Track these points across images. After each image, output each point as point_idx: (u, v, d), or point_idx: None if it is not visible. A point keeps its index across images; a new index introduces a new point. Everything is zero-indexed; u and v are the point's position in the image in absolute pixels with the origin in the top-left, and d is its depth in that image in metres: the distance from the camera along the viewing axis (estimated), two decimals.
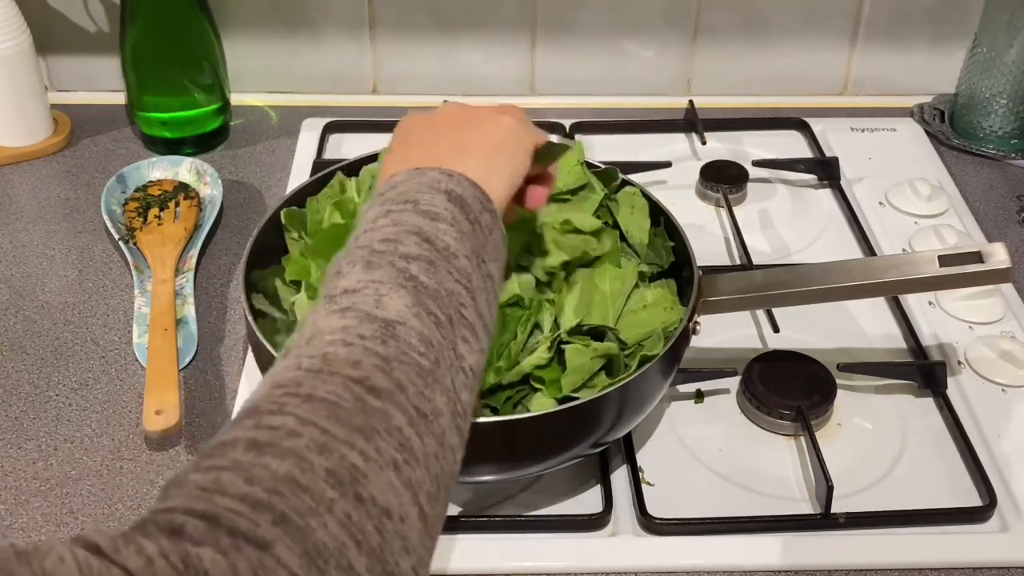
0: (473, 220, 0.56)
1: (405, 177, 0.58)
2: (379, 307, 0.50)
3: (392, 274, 0.52)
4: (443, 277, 0.53)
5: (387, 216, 0.55)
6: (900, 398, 0.87)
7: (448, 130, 0.62)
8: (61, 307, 0.95)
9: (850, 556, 0.75)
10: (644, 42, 1.22)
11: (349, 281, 0.52)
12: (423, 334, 0.50)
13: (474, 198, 0.57)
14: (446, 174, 0.57)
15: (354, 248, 0.55)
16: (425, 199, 0.55)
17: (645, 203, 0.84)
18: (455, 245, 0.54)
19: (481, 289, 0.55)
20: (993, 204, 1.10)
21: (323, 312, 0.51)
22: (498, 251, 0.58)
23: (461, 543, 0.75)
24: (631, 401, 0.74)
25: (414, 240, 0.53)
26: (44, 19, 1.17)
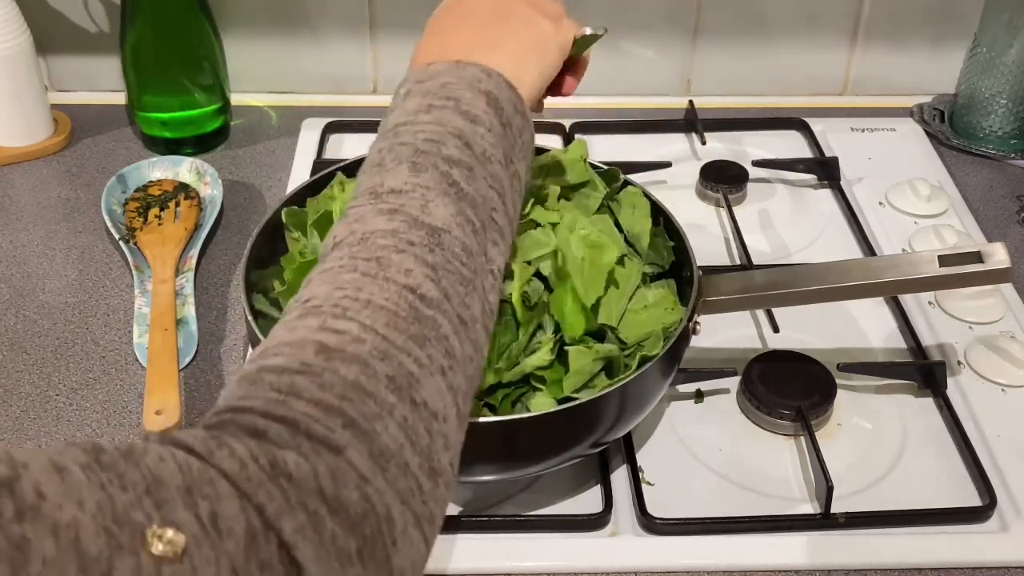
0: (506, 123, 0.58)
1: (445, 68, 0.59)
2: (425, 212, 0.52)
3: (437, 179, 0.54)
4: (480, 183, 0.55)
5: (429, 112, 0.57)
6: (900, 398, 0.87)
7: (486, 24, 0.64)
8: (61, 307, 0.95)
9: (850, 556, 0.75)
10: (644, 42, 1.22)
11: (396, 180, 0.54)
12: (464, 243, 0.53)
13: (508, 100, 0.59)
14: (485, 72, 0.59)
15: (395, 141, 0.56)
16: (467, 98, 0.57)
17: (647, 203, 0.84)
18: (491, 150, 0.57)
19: (509, 189, 0.58)
20: (993, 204, 1.10)
21: (369, 209, 0.53)
22: (526, 150, 0.61)
23: (461, 543, 0.75)
24: (631, 401, 0.74)
25: (455, 144, 0.55)
26: (44, 19, 1.17)
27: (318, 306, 0.48)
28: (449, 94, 0.58)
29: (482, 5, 0.65)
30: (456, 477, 0.50)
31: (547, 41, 0.65)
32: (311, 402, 0.44)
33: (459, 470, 0.74)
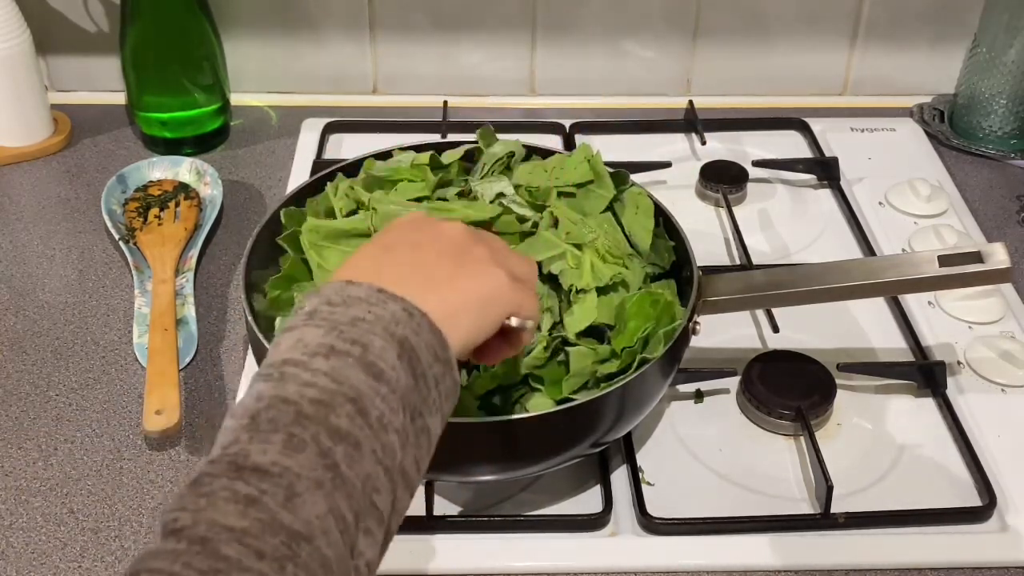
0: (419, 375, 0.52)
1: (364, 296, 0.52)
2: (288, 509, 0.44)
3: (313, 461, 0.46)
4: (365, 463, 0.48)
5: (328, 358, 0.49)
6: (900, 398, 0.87)
7: (437, 258, 0.58)
8: (61, 307, 0.95)
9: (850, 556, 0.75)
10: (644, 42, 1.22)
11: (264, 456, 0.45)
12: (325, 557, 0.44)
13: (428, 347, 0.52)
14: (407, 311, 0.52)
15: (278, 392, 0.48)
16: (376, 347, 0.50)
17: (650, 203, 0.84)
18: (389, 415, 0.49)
19: (411, 447, 0.51)
20: (993, 204, 1.10)
21: (224, 486, 0.44)
22: (446, 398, 0.54)
23: (461, 543, 0.75)
24: (631, 401, 0.74)
25: (347, 411, 0.48)
26: (44, 19, 1.17)
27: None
28: (357, 337, 0.50)
29: (444, 236, 0.59)
30: None
31: (498, 299, 0.58)
32: None
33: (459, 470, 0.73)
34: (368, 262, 0.58)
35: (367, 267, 0.57)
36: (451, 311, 0.55)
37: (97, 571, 0.73)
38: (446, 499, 0.78)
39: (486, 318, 0.58)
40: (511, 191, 0.83)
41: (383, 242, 0.60)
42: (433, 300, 0.54)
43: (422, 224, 0.61)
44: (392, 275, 0.55)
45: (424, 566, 0.73)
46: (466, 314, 0.56)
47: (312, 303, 0.53)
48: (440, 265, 0.57)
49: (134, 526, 0.76)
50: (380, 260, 0.58)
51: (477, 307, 0.57)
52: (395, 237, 0.60)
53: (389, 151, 0.90)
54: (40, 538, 0.75)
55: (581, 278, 0.76)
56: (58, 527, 0.76)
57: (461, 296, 0.56)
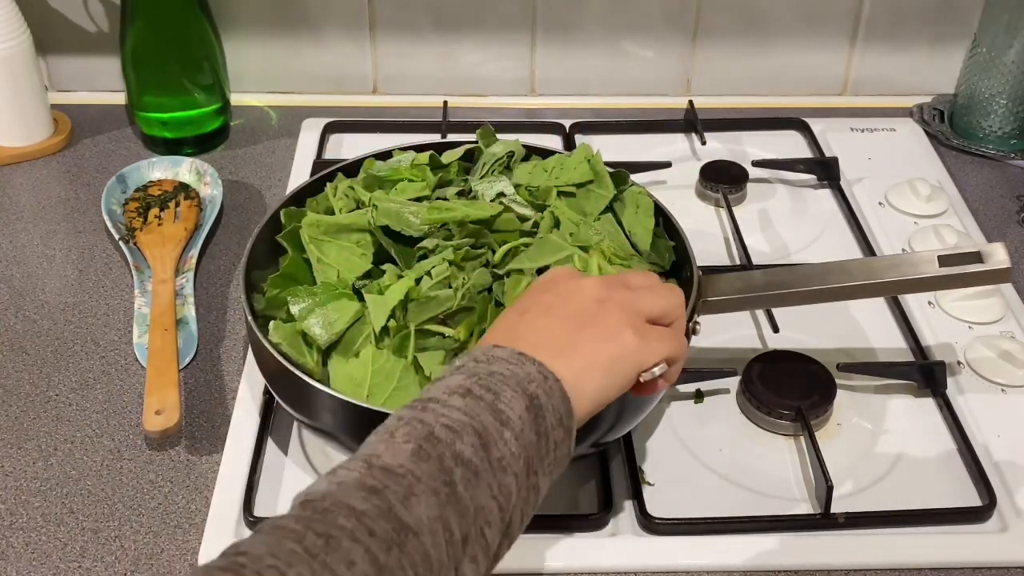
0: (543, 432, 0.56)
1: (505, 356, 0.57)
2: (404, 504, 0.49)
3: (434, 472, 0.51)
4: (481, 492, 0.52)
5: (465, 397, 0.55)
6: (900, 398, 0.87)
7: (566, 320, 0.61)
8: (61, 307, 0.95)
9: (850, 556, 0.75)
10: (644, 42, 1.22)
11: (393, 458, 0.51)
12: (428, 554, 0.49)
13: (555, 410, 0.56)
14: (543, 374, 0.57)
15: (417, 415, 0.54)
16: (506, 397, 0.55)
17: (650, 203, 0.84)
18: (509, 459, 0.54)
19: (520, 501, 0.55)
20: (993, 204, 1.10)
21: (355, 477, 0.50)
22: (558, 464, 0.58)
23: None
24: (631, 401, 0.73)
25: (472, 441, 0.53)
26: (44, 19, 1.17)
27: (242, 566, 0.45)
28: (491, 385, 0.55)
29: (575, 297, 0.62)
30: None
31: (623, 360, 0.60)
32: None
33: None
34: (506, 328, 0.62)
35: (506, 332, 0.61)
36: (578, 376, 0.58)
37: (97, 571, 0.73)
38: None
39: (613, 379, 0.60)
40: (511, 191, 0.83)
41: (520, 307, 0.64)
42: (561, 365, 0.58)
43: (555, 284, 0.65)
44: (526, 340, 0.59)
45: None
46: (592, 378, 0.59)
47: (461, 360, 0.58)
48: (565, 329, 0.60)
49: (134, 526, 0.76)
50: (516, 326, 0.62)
51: (603, 370, 0.60)
52: (531, 300, 0.64)
53: (389, 151, 0.90)
54: (40, 538, 0.75)
55: None
56: (58, 527, 0.76)
57: (585, 360, 0.59)
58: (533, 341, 0.59)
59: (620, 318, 0.61)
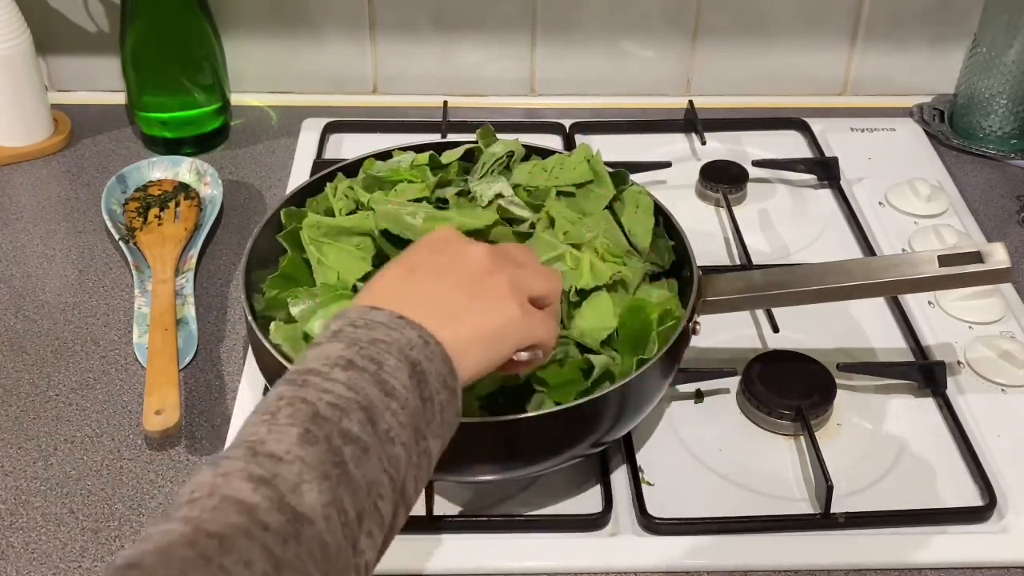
0: (427, 398, 0.55)
1: (385, 320, 0.56)
2: (295, 492, 0.48)
3: (323, 455, 0.49)
4: (372, 467, 0.51)
5: (346, 369, 0.53)
6: (900, 398, 0.87)
7: (456, 286, 0.60)
8: (61, 307, 0.95)
9: (850, 556, 0.75)
10: (644, 42, 1.22)
11: (279, 444, 0.49)
12: (325, 541, 0.48)
13: (438, 375, 0.56)
14: (423, 339, 0.56)
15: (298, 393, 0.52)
16: (389, 365, 0.54)
17: (650, 202, 0.84)
18: (397, 430, 0.53)
19: (412, 468, 0.54)
20: (993, 204, 1.10)
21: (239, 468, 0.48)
22: (446, 426, 0.57)
23: (461, 543, 0.75)
24: (631, 401, 0.74)
25: (359, 417, 0.51)
26: (44, 19, 1.17)
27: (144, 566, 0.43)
28: (373, 355, 0.54)
29: (465, 263, 0.62)
30: None
31: (506, 334, 0.60)
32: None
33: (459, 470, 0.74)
34: (391, 286, 0.61)
35: (390, 291, 0.60)
36: (463, 344, 0.58)
37: (97, 571, 0.73)
38: (446, 499, 0.78)
39: (495, 351, 0.60)
40: (510, 192, 0.83)
41: (407, 264, 0.62)
42: (447, 331, 0.57)
43: (446, 246, 0.63)
44: (412, 302, 0.58)
45: (424, 566, 0.73)
46: (477, 347, 0.59)
47: (337, 324, 0.56)
48: (454, 296, 0.60)
49: (134, 526, 0.76)
50: (402, 285, 0.60)
51: (488, 342, 0.60)
52: (418, 259, 0.62)
53: (389, 151, 0.90)
54: (40, 538, 0.75)
55: (581, 278, 0.76)
56: (58, 527, 0.76)
57: (471, 330, 0.59)
58: (419, 303, 0.58)
59: (508, 292, 0.61)
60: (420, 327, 0.56)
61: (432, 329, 0.57)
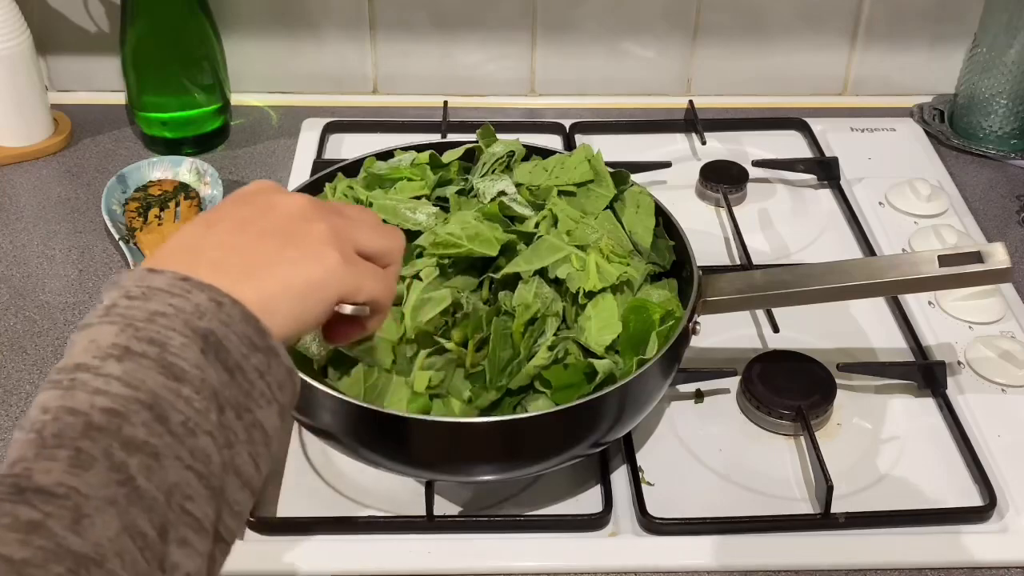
0: (233, 367, 0.48)
1: (167, 286, 0.48)
2: (74, 531, 0.40)
3: (103, 477, 0.42)
4: (169, 471, 0.44)
5: (122, 360, 0.45)
6: (900, 398, 0.87)
7: (263, 237, 0.53)
8: (61, 307, 0.95)
9: (850, 556, 0.75)
10: (644, 42, 1.22)
11: (48, 477, 0.41)
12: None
13: (242, 337, 0.48)
14: (215, 301, 0.48)
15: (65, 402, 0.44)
16: (175, 345, 0.46)
17: (651, 202, 0.84)
18: (196, 418, 0.45)
19: (241, 443, 0.47)
20: (993, 204, 1.10)
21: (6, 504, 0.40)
22: (277, 388, 0.50)
23: (461, 543, 0.75)
24: (631, 401, 0.74)
25: (143, 418, 0.44)
26: (44, 19, 1.17)
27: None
28: (154, 335, 0.46)
29: (275, 212, 0.54)
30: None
31: (324, 284, 0.53)
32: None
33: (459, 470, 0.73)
34: (187, 242, 0.52)
35: (184, 248, 0.52)
36: (268, 298, 0.50)
37: None
38: (446, 499, 0.78)
39: (309, 304, 0.53)
40: (512, 190, 0.83)
41: (208, 218, 0.54)
42: (249, 287, 0.50)
43: (256, 196, 0.56)
44: (209, 258, 0.51)
45: (424, 566, 0.73)
46: (285, 301, 0.51)
47: (111, 296, 0.48)
48: (261, 247, 0.52)
49: None
50: (199, 240, 0.52)
51: (298, 294, 0.52)
52: (223, 212, 0.55)
53: (390, 151, 0.90)
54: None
55: (588, 280, 0.76)
56: None
57: (279, 282, 0.51)
58: (218, 259, 0.50)
59: (327, 240, 0.54)
60: (211, 288, 0.48)
61: (228, 287, 0.49)
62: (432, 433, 0.69)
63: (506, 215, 0.80)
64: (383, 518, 0.76)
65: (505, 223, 0.80)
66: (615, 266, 0.77)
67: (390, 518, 0.76)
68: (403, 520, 0.75)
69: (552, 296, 0.76)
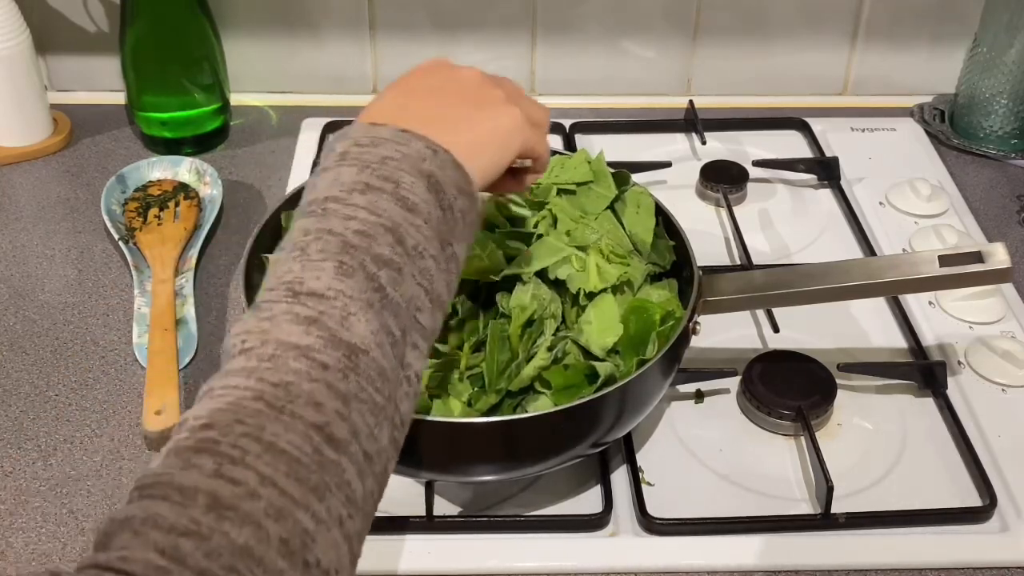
0: (447, 206, 0.55)
1: (390, 137, 0.56)
2: (345, 327, 0.49)
3: (362, 285, 0.50)
4: (407, 285, 0.52)
5: (365, 193, 0.53)
6: (900, 398, 0.87)
7: (457, 102, 0.61)
8: (61, 307, 0.95)
9: (850, 556, 0.75)
10: (644, 42, 1.22)
11: (319, 282, 0.50)
12: (381, 366, 0.49)
13: (453, 182, 0.56)
14: (431, 149, 0.56)
15: (323, 225, 0.52)
16: (406, 182, 0.54)
17: (651, 202, 0.84)
18: (424, 243, 0.54)
19: (442, 272, 0.55)
20: (993, 204, 1.10)
21: (284, 310, 0.49)
22: (470, 229, 0.58)
23: (461, 543, 0.75)
24: (631, 401, 0.74)
25: (387, 240, 0.52)
26: (44, 19, 1.17)
27: (216, 441, 0.44)
28: (388, 174, 0.54)
29: (461, 80, 0.63)
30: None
31: (512, 134, 0.61)
32: (195, 572, 0.40)
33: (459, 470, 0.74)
34: (391, 105, 0.60)
35: (390, 109, 0.59)
36: (472, 148, 0.58)
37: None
38: (446, 499, 0.78)
39: (503, 153, 0.61)
40: None
41: (403, 87, 0.62)
42: (454, 139, 0.57)
43: (440, 69, 0.64)
44: (414, 117, 0.58)
45: (424, 566, 0.73)
46: (485, 150, 0.59)
47: (342, 145, 0.56)
48: (459, 107, 0.60)
49: None
50: (402, 103, 0.60)
51: (496, 143, 0.60)
52: (415, 82, 0.63)
53: None
54: (40, 538, 0.75)
55: (588, 281, 0.76)
56: (58, 527, 0.76)
57: (480, 135, 0.60)
58: (422, 119, 0.58)
59: (509, 101, 0.62)
60: (426, 138, 0.56)
61: (438, 139, 0.56)
62: (432, 433, 0.69)
63: (505, 216, 0.80)
64: (382, 518, 0.76)
65: (504, 224, 0.80)
66: (615, 267, 0.77)
67: (390, 518, 0.76)
68: (403, 520, 0.75)
69: (550, 297, 0.75)
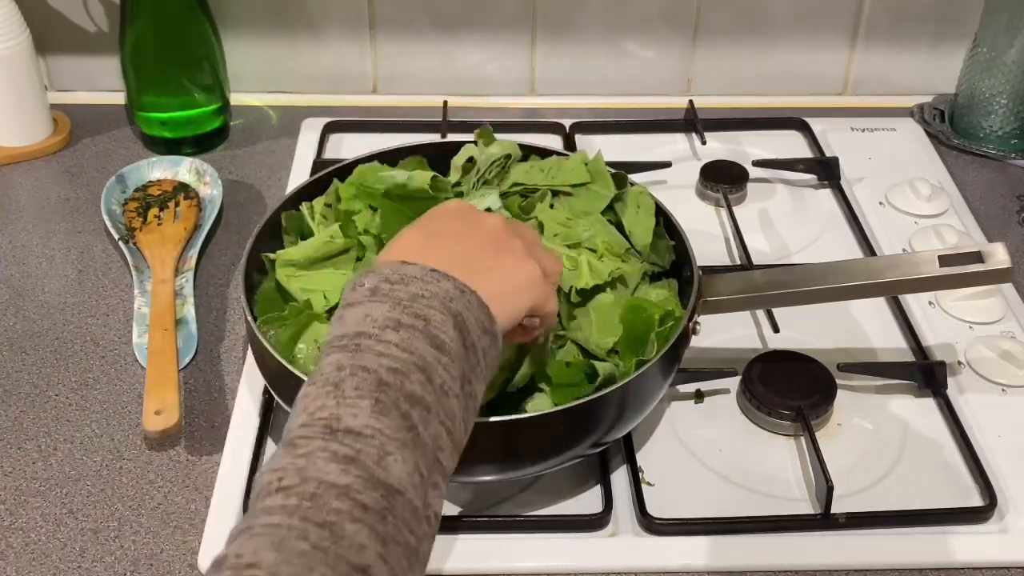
0: (470, 346, 0.56)
1: (419, 275, 0.57)
2: (382, 467, 0.49)
3: (397, 423, 0.51)
4: (433, 424, 0.53)
5: (398, 331, 0.54)
6: (900, 398, 0.87)
7: (482, 246, 0.63)
8: (61, 307, 0.95)
9: (850, 556, 0.75)
10: (644, 42, 1.22)
11: (356, 420, 0.50)
12: (414, 506, 0.50)
13: (477, 322, 0.57)
14: (459, 289, 0.57)
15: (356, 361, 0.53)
16: (436, 320, 0.55)
17: (651, 202, 0.84)
18: (449, 382, 0.54)
19: (461, 413, 0.55)
20: (993, 204, 1.10)
21: (321, 446, 0.49)
22: (490, 371, 0.59)
23: (461, 543, 0.75)
24: (631, 401, 0.74)
25: (419, 379, 0.53)
26: (44, 19, 1.17)
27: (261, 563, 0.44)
28: (419, 311, 0.55)
29: (484, 228, 0.64)
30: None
31: (530, 288, 0.63)
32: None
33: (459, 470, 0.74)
34: (415, 246, 0.62)
35: (415, 250, 0.61)
36: (496, 290, 0.59)
37: (97, 571, 0.73)
38: (446, 499, 0.78)
39: (520, 303, 0.62)
40: (498, 204, 0.82)
41: (429, 228, 0.64)
42: (479, 280, 0.59)
43: (464, 215, 0.65)
44: (439, 259, 0.59)
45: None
46: (506, 298, 0.61)
47: (371, 281, 0.57)
48: (482, 255, 0.62)
49: (134, 526, 0.76)
50: (427, 245, 0.62)
51: (514, 294, 0.62)
52: (439, 225, 0.64)
53: (388, 152, 0.90)
54: (40, 538, 0.75)
55: (580, 278, 0.76)
56: (58, 527, 0.76)
57: (501, 283, 0.61)
58: (447, 261, 0.59)
59: (528, 254, 0.64)
60: (454, 279, 0.57)
61: (465, 279, 0.58)
62: None
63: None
64: None
65: None
66: (607, 263, 0.77)
67: None
68: None
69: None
